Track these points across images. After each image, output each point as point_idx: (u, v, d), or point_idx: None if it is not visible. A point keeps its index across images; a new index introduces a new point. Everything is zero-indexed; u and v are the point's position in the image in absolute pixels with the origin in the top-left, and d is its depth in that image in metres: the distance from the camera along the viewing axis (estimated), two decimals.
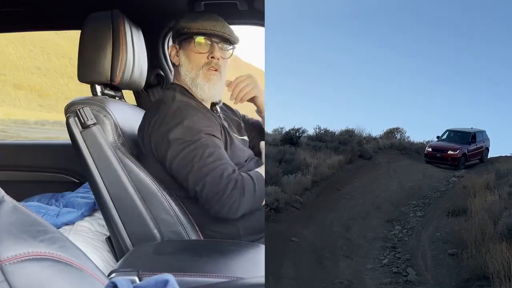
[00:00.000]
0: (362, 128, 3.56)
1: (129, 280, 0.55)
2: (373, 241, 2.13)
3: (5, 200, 0.68)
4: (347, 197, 2.65)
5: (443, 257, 1.88)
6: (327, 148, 3.16)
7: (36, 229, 0.66)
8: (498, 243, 1.71)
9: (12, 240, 0.62)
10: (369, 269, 1.84)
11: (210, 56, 1.53)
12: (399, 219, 2.42)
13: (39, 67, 14.80)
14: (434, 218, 2.37)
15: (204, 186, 1.35)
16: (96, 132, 1.42)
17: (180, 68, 1.58)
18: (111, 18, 1.50)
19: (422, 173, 3.24)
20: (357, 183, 2.90)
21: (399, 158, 3.63)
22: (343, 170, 3.02)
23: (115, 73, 1.49)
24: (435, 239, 2.09)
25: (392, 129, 4.04)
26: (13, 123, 10.78)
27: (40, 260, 0.62)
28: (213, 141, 1.41)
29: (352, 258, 1.91)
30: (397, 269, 1.82)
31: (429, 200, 2.70)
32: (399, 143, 3.86)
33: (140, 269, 1.08)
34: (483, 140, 3.44)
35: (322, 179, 2.73)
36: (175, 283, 0.55)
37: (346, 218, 2.34)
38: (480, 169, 3.09)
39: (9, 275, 0.60)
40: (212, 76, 1.54)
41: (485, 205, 2.18)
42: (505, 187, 2.36)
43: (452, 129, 3.45)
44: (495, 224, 1.90)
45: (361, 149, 3.30)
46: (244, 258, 1.23)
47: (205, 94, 1.55)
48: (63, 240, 0.68)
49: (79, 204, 1.90)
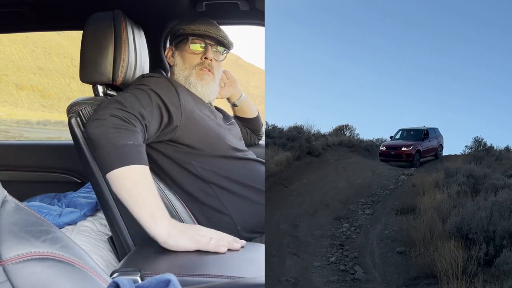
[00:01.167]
0: (311, 124, 3.52)
1: (131, 280, 0.55)
2: (321, 238, 2.11)
3: (7, 200, 0.68)
4: (295, 194, 2.62)
5: (391, 255, 1.87)
6: (274, 144, 3.12)
7: (39, 229, 0.66)
8: (446, 242, 1.71)
9: (15, 240, 0.63)
10: (316, 267, 1.82)
11: (204, 57, 1.59)
12: (347, 216, 2.40)
13: (41, 67, 14.83)
14: (382, 216, 2.36)
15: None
16: None
17: (174, 68, 1.63)
18: (113, 18, 1.50)
19: (371, 171, 3.22)
20: (305, 180, 2.86)
21: (348, 156, 3.61)
22: (291, 167, 2.98)
23: (117, 74, 1.49)
24: (383, 237, 2.08)
25: (341, 126, 4.01)
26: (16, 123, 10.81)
27: (42, 260, 0.63)
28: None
29: (299, 256, 1.89)
30: (345, 267, 1.80)
31: (378, 198, 2.69)
32: (348, 140, 3.83)
33: (142, 269, 1.08)
34: (436, 136, 3.47)
35: (270, 175, 2.69)
36: (177, 283, 0.55)
37: (294, 215, 2.31)
38: (430, 168, 3.07)
39: (11, 275, 0.60)
40: (205, 76, 1.58)
41: (434, 203, 2.18)
42: (454, 185, 2.37)
43: (404, 128, 3.49)
44: (444, 223, 1.90)
45: (310, 146, 3.26)
46: (246, 258, 1.23)
47: (197, 92, 1.58)
48: (65, 240, 0.68)
49: (81, 204, 1.91)
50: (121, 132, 1.24)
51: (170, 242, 1.20)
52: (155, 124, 1.38)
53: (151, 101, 1.38)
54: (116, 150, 1.21)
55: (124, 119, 1.27)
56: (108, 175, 1.23)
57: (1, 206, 0.66)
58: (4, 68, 13.99)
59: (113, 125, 1.24)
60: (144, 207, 1.22)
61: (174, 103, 1.43)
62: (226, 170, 1.50)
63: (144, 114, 1.33)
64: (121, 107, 1.30)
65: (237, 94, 1.86)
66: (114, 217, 1.44)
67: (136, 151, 1.24)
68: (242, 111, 1.91)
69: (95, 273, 0.68)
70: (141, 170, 1.24)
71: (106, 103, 1.33)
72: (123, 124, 1.26)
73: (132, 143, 1.23)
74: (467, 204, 1.96)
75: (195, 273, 1.08)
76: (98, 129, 1.24)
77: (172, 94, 1.45)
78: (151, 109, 1.37)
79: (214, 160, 1.50)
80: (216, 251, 1.20)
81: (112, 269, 1.12)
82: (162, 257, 1.20)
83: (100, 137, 1.23)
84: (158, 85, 1.45)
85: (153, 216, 1.21)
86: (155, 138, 1.43)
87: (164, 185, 1.46)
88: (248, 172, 1.54)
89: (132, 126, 1.27)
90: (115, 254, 1.63)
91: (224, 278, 1.06)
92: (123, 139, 1.23)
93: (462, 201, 2.08)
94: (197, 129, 1.48)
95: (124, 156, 1.21)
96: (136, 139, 1.26)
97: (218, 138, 1.53)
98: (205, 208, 1.48)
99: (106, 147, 1.22)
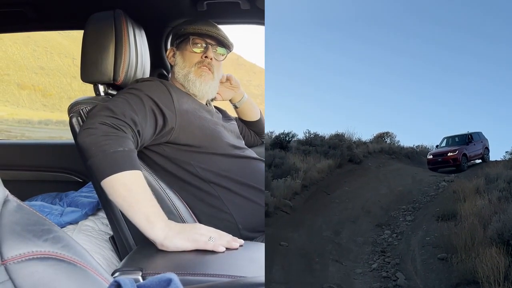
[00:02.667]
0: (352, 132, 3.59)
1: (133, 279, 0.55)
2: (363, 245, 2.12)
3: (9, 200, 0.68)
4: (337, 201, 2.64)
5: (432, 262, 1.86)
6: (316, 152, 3.16)
7: (40, 228, 0.66)
8: (487, 248, 1.69)
9: (16, 239, 0.63)
10: (359, 274, 1.83)
11: (204, 56, 1.60)
12: (388, 223, 2.41)
13: (43, 66, 14.85)
14: (423, 223, 2.36)
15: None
16: None
17: (174, 67, 1.64)
18: (114, 18, 1.50)
19: (412, 178, 3.24)
20: (347, 188, 2.88)
21: (389, 163, 3.64)
22: (332, 174, 3.02)
23: (118, 73, 1.50)
24: (424, 244, 2.07)
25: (382, 133, 4.04)
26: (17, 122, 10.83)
27: (44, 259, 0.63)
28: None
29: (342, 263, 1.90)
30: (387, 273, 1.81)
31: (418, 205, 2.69)
32: (389, 148, 3.88)
33: (144, 268, 1.08)
34: (481, 140, 3.52)
35: (312, 183, 2.72)
36: (178, 282, 0.55)
37: (336, 222, 2.33)
38: (470, 174, 3.07)
39: (13, 274, 0.60)
40: (204, 73, 1.59)
41: (474, 209, 2.17)
42: (495, 191, 2.35)
43: (448, 136, 3.54)
44: (485, 229, 1.89)
45: (351, 154, 3.31)
46: (247, 258, 1.23)
47: (196, 89, 1.59)
48: (66, 239, 0.69)
49: (82, 203, 1.91)
50: (111, 139, 1.24)
51: (168, 244, 1.21)
52: (149, 128, 1.38)
53: (144, 105, 1.38)
54: (106, 158, 1.22)
55: (114, 126, 1.27)
56: (102, 183, 1.23)
57: (3, 206, 0.66)
58: (5, 68, 14.01)
59: (102, 133, 1.24)
60: (139, 212, 1.22)
61: (168, 105, 1.44)
62: (225, 169, 1.50)
63: (136, 119, 1.33)
64: (111, 114, 1.30)
65: (239, 96, 1.86)
66: (115, 216, 1.44)
67: (127, 157, 1.24)
68: (244, 113, 1.91)
69: (96, 272, 0.68)
70: (133, 175, 1.24)
71: (96, 110, 1.33)
72: (113, 131, 1.26)
73: (122, 149, 1.24)
74: (508, 210, 1.93)
75: (196, 272, 1.08)
76: (88, 138, 1.24)
77: (166, 96, 1.46)
78: (144, 113, 1.37)
79: (213, 159, 1.50)
80: (214, 250, 1.20)
81: (113, 269, 1.12)
82: (164, 256, 1.20)
83: (91, 146, 1.23)
84: (151, 88, 1.45)
85: (149, 219, 1.22)
86: (153, 141, 1.44)
87: (165, 185, 1.46)
88: (247, 170, 1.54)
89: (122, 132, 1.27)
90: (116, 253, 1.63)
91: (225, 277, 1.06)
92: (113, 146, 1.23)
93: (503, 207, 2.06)
94: (194, 128, 1.49)
95: (116, 163, 1.22)
96: (127, 145, 1.26)
97: (215, 136, 1.53)
98: (206, 207, 1.48)
99: (97, 155, 1.22)
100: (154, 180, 1.44)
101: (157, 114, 1.40)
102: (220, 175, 1.49)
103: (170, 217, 1.32)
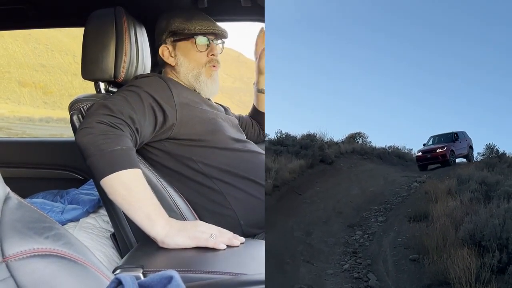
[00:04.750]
0: (323, 132, 3.58)
1: (134, 277, 0.55)
2: (334, 246, 2.11)
3: (10, 197, 0.68)
4: (308, 202, 2.62)
5: (404, 263, 1.86)
6: (288, 152, 3.14)
7: (41, 225, 0.66)
8: (459, 249, 1.69)
9: (18, 236, 0.63)
10: (330, 274, 1.82)
11: (210, 54, 1.60)
12: (360, 224, 2.40)
13: (44, 64, 14.85)
14: (395, 224, 2.35)
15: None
16: None
17: (178, 67, 1.61)
18: (114, 15, 1.50)
19: (384, 178, 3.24)
20: (318, 188, 2.86)
21: (361, 163, 3.63)
22: (304, 175, 2.99)
23: (119, 70, 1.49)
24: (396, 245, 2.07)
25: (354, 133, 4.04)
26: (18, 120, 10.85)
27: (45, 257, 0.63)
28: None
29: (313, 263, 1.89)
30: (358, 274, 1.80)
31: (390, 205, 2.69)
32: (361, 148, 3.88)
33: (145, 265, 1.08)
34: (465, 139, 3.65)
35: (283, 183, 2.69)
36: (179, 279, 0.55)
37: (307, 223, 2.31)
38: (442, 175, 3.08)
39: (14, 272, 0.61)
40: (213, 73, 1.61)
41: (446, 210, 2.16)
42: (467, 192, 2.35)
43: (434, 135, 3.66)
44: (457, 230, 1.88)
45: (323, 154, 3.28)
46: (247, 255, 1.24)
47: (208, 89, 1.61)
48: (68, 236, 0.69)
49: (83, 200, 1.91)
50: (109, 138, 1.23)
51: (168, 241, 1.21)
52: (149, 125, 1.38)
53: (142, 102, 1.38)
54: (105, 157, 1.21)
55: (111, 125, 1.26)
56: (101, 182, 1.23)
57: (4, 203, 0.66)
58: (6, 65, 14.02)
59: (100, 132, 1.24)
60: (139, 210, 1.22)
61: (167, 101, 1.43)
62: (227, 163, 1.49)
63: (134, 117, 1.33)
64: (108, 112, 1.29)
65: (263, 81, 1.85)
66: (116, 214, 1.44)
67: (125, 155, 1.24)
68: (262, 102, 1.91)
69: (97, 269, 0.68)
70: (132, 174, 1.24)
71: (93, 108, 1.33)
72: (111, 129, 1.26)
73: (120, 148, 1.23)
74: (480, 211, 1.94)
75: (197, 270, 1.08)
76: (86, 138, 1.24)
77: (165, 92, 1.45)
78: (142, 111, 1.36)
79: (214, 153, 1.49)
80: (215, 247, 1.21)
81: (114, 266, 1.13)
82: (165, 253, 1.21)
83: (88, 145, 1.23)
84: (150, 85, 1.45)
85: (150, 217, 1.22)
86: (153, 137, 1.43)
87: (166, 182, 1.45)
88: (249, 164, 1.53)
89: (120, 131, 1.27)
90: (117, 250, 1.63)
91: (226, 274, 1.06)
92: (111, 145, 1.22)
93: (474, 208, 2.06)
94: (194, 122, 1.48)
95: (114, 162, 1.21)
96: (125, 144, 1.25)
97: (216, 129, 1.52)
98: (209, 203, 1.48)
99: (95, 155, 1.22)
100: (154, 177, 1.44)
101: (156, 110, 1.40)
102: (222, 170, 1.48)
103: (170, 214, 1.32)
